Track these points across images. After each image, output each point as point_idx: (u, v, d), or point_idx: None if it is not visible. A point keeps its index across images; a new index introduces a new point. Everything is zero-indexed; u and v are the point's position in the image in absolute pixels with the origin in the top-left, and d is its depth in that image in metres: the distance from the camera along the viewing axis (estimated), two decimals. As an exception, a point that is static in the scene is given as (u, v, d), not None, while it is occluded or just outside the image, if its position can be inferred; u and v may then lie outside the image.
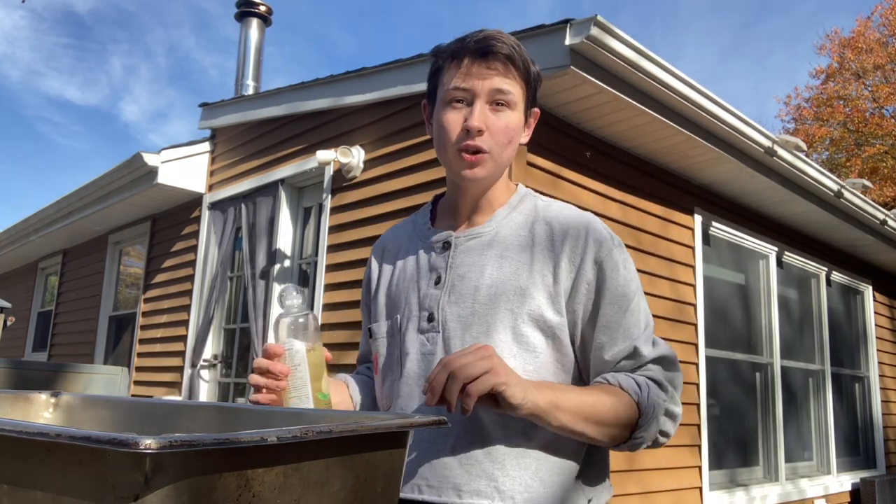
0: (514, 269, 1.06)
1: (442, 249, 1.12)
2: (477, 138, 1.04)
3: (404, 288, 1.14)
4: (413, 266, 1.15)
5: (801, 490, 5.07)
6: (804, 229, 5.44)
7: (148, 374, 5.43)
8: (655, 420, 1.01)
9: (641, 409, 0.99)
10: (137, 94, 72.91)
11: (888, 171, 17.14)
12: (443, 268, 1.10)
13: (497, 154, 1.07)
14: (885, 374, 6.55)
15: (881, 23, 18.33)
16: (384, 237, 1.29)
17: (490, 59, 1.04)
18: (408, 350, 1.09)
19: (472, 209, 1.14)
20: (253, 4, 6.18)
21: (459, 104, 1.06)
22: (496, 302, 1.04)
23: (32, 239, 7.21)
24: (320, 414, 0.78)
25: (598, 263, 1.04)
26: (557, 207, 1.12)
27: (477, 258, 1.08)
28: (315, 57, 73.30)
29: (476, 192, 1.12)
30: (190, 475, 0.46)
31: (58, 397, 0.88)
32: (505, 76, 1.05)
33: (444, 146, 1.08)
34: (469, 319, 1.05)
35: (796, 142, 4.23)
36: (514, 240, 1.09)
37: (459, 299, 1.06)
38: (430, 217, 1.20)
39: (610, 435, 0.99)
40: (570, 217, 1.09)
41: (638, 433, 1.00)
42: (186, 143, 5.24)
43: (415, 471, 1.03)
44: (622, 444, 1.02)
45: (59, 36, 66.91)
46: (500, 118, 1.05)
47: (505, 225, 1.11)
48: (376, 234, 3.76)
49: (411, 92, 3.68)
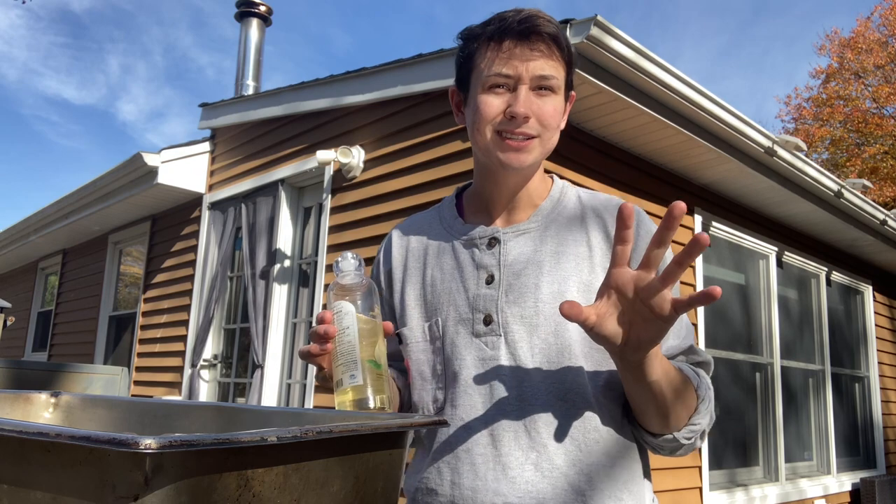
0: (573, 264, 1.00)
1: (489, 246, 1.04)
2: (524, 125, 0.97)
3: (445, 288, 1.04)
4: (452, 264, 1.06)
5: (800, 490, 5.07)
6: (804, 229, 5.44)
7: (148, 374, 5.43)
8: (709, 412, 0.96)
9: (699, 396, 0.94)
10: (135, 93, 72.89)
11: (888, 171, 17.14)
12: (494, 265, 1.02)
13: (546, 140, 0.99)
14: (885, 374, 6.55)
15: (881, 23, 18.34)
16: (403, 229, 1.16)
17: (534, 39, 0.96)
18: (461, 356, 1.00)
19: (509, 202, 1.05)
20: (253, 4, 6.19)
21: (500, 89, 0.98)
22: (561, 299, 0.97)
23: (32, 239, 7.21)
24: (320, 414, 0.78)
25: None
26: (603, 198, 1.07)
27: (531, 255, 1.01)
28: (312, 55, 73.26)
29: (516, 182, 1.04)
30: (190, 475, 0.46)
31: (58, 397, 0.88)
32: (549, 58, 0.97)
33: (482, 131, 0.99)
34: (534, 320, 0.97)
35: (796, 142, 4.23)
36: (566, 234, 1.02)
37: (519, 299, 0.99)
38: (456, 211, 1.11)
39: (677, 412, 0.92)
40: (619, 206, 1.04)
41: (696, 418, 0.94)
42: (186, 143, 5.24)
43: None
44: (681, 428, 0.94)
45: (56, 35, 66.92)
46: (546, 103, 0.98)
47: (553, 219, 1.04)
48: (376, 233, 3.76)
49: (411, 92, 3.68)
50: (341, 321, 0.87)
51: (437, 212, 1.14)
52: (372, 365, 0.86)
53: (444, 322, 1.03)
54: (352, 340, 0.86)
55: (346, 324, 0.87)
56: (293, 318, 4.40)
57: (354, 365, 0.85)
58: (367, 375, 0.85)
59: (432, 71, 3.58)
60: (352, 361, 0.85)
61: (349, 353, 0.86)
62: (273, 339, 4.33)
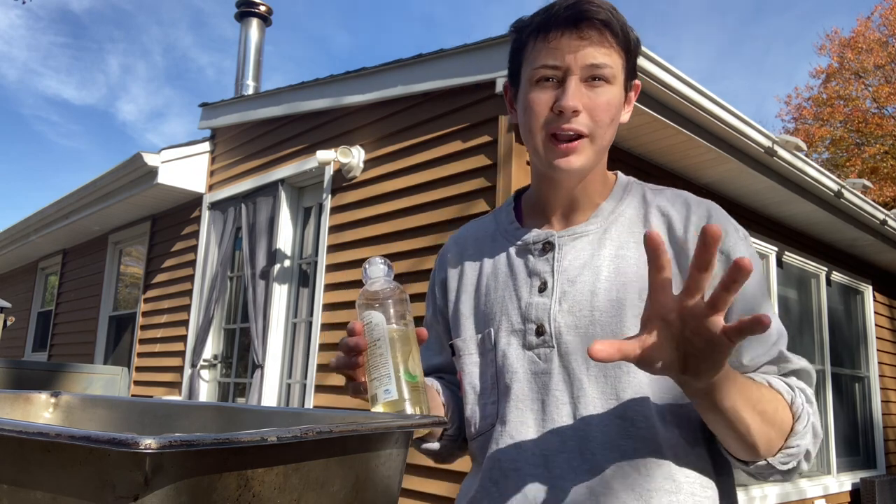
0: (635, 269, 0.90)
1: (542, 251, 0.96)
2: (573, 120, 0.88)
3: (498, 297, 0.98)
4: (506, 271, 0.99)
5: (800, 490, 5.07)
6: (804, 229, 5.44)
7: (148, 374, 5.43)
8: (811, 430, 0.84)
9: (795, 414, 0.83)
10: (134, 93, 72.95)
11: (888, 171, 17.15)
12: (547, 272, 0.94)
13: (599, 137, 0.90)
14: (885, 374, 6.55)
15: (881, 23, 18.35)
16: (459, 236, 1.10)
17: (583, 26, 0.88)
18: (513, 368, 0.93)
19: (567, 205, 0.97)
20: (253, 4, 6.19)
21: (548, 83, 0.90)
22: (621, 309, 0.88)
23: (32, 239, 7.21)
24: (320, 414, 0.78)
25: (726, 254, 0.90)
26: (671, 194, 0.97)
27: (588, 259, 0.93)
28: (312, 55, 73.29)
29: (572, 183, 0.95)
30: (190, 475, 0.46)
31: (58, 397, 0.87)
32: (601, 46, 0.89)
33: (531, 131, 0.92)
34: (589, 330, 0.89)
35: (796, 142, 4.23)
36: (628, 237, 0.93)
37: (574, 307, 0.91)
38: (514, 215, 1.04)
39: (767, 436, 0.81)
40: (689, 202, 0.94)
41: (793, 440, 0.82)
42: (186, 143, 5.24)
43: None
44: (775, 453, 0.83)
45: (56, 35, 67.00)
46: (599, 94, 0.89)
47: (614, 220, 0.95)
48: (376, 234, 3.76)
49: (411, 92, 3.68)
50: (371, 332, 0.82)
51: (494, 216, 1.08)
52: (407, 377, 0.81)
53: (496, 333, 0.96)
54: (384, 353, 0.81)
55: (377, 335, 0.82)
56: (293, 318, 4.40)
57: (388, 379, 0.80)
58: (403, 388, 0.80)
59: (432, 71, 3.58)
60: (385, 375, 0.80)
61: (382, 367, 0.81)
62: (273, 339, 4.33)
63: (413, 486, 3.28)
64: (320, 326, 3.98)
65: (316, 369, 3.94)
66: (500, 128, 3.24)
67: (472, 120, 3.40)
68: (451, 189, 3.41)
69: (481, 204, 3.26)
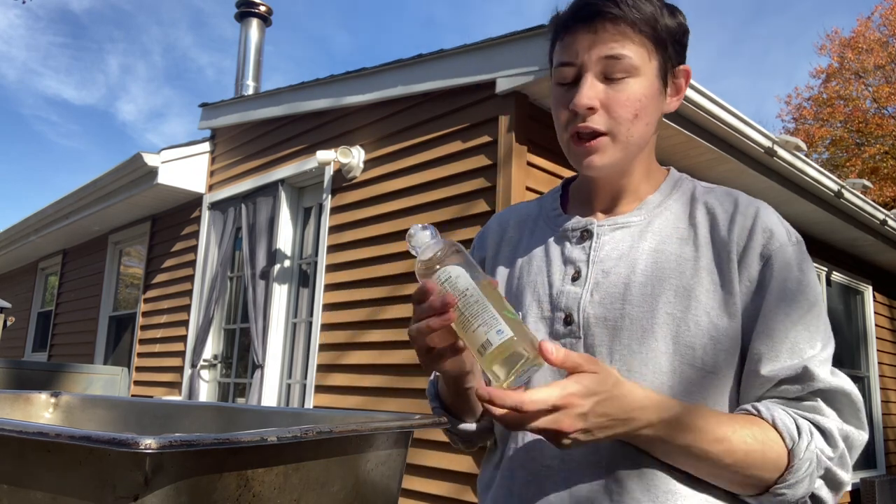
0: (674, 265, 0.87)
1: (580, 239, 0.93)
2: (589, 119, 0.86)
3: (530, 281, 0.95)
4: (541, 256, 0.96)
5: (801, 490, 5.07)
6: (804, 229, 5.43)
7: (148, 374, 5.43)
8: (809, 478, 0.79)
9: (792, 461, 0.78)
10: (134, 93, 72.98)
11: (888, 171, 17.15)
12: (582, 261, 0.91)
13: (622, 133, 0.87)
14: (885, 374, 6.55)
15: (881, 23, 18.36)
16: (504, 216, 1.07)
17: (596, 21, 0.86)
18: None
19: (612, 196, 0.95)
20: (253, 5, 6.19)
21: (568, 82, 0.89)
22: (654, 304, 0.85)
23: (32, 239, 7.21)
24: (320, 414, 0.78)
25: (766, 258, 0.85)
26: (722, 192, 0.93)
27: (626, 251, 0.90)
28: (312, 56, 73.32)
29: (611, 180, 0.93)
30: (190, 475, 0.46)
31: (58, 397, 0.88)
32: (616, 38, 0.85)
33: (558, 132, 0.91)
34: (618, 324, 0.86)
35: (796, 142, 4.23)
36: (671, 231, 0.90)
37: (605, 299, 0.88)
38: (559, 202, 1.01)
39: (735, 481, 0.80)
40: (738, 201, 0.90)
41: (779, 487, 0.79)
42: (186, 143, 5.24)
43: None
44: (756, 495, 0.81)
45: (55, 35, 67.04)
46: (620, 89, 0.86)
47: (659, 214, 0.92)
48: (376, 234, 3.76)
49: (411, 92, 3.68)
50: (456, 285, 0.76)
51: (539, 201, 1.05)
52: (510, 315, 0.75)
53: (524, 318, 0.93)
54: (479, 300, 0.75)
55: (463, 286, 0.76)
56: (293, 319, 4.40)
57: (495, 321, 0.74)
58: (514, 327, 0.74)
59: (432, 71, 3.58)
60: (492, 318, 0.74)
61: (483, 313, 0.74)
62: (273, 340, 4.33)
63: (413, 486, 3.28)
64: (320, 326, 3.98)
65: (316, 369, 3.94)
66: (500, 128, 3.24)
67: (472, 120, 3.40)
68: (451, 189, 3.41)
69: (481, 204, 3.26)
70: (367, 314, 3.71)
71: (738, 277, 0.85)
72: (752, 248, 0.86)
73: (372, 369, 3.63)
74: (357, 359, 3.72)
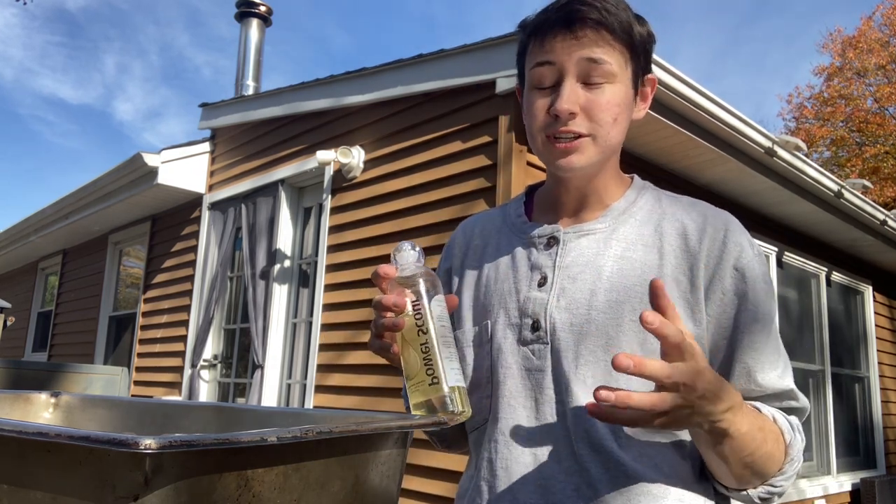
0: (639, 272, 0.88)
1: (546, 246, 0.95)
2: (570, 123, 0.87)
3: (497, 289, 0.96)
4: (508, 263, 0.97)
5: (800, 490, 5.07)
6: (804, 229, 5.43)
7: (148, 374, 5.43)
8: (796, 474, 0.86)
9: (788, 454, 0.83)
10: (131, 92, 72.96)
11: (889, 171, 17.15)
12: (549, 267, 0.93)
13: (601, 136, 0.88)
14: (885, 374, 6.55)
15: (883, 22, 18.36)
16: (468, 224, 1.08)
17: (576, 27, 0.87)
18: (507, 364, 0.91)
19: (578, 204, 0.96)
20: (253, 5, 6.19)
21: (546, 86, 0.89)
22: (618, 310, 0.87)
23: (32, 239, 7.22)
24: (320, 414, 0.78)
25: (740, 271, 0.88)
26: (688, 202, 0.95)
27: (592, 258, 0.91)
28: (312, 56, 73.34)
29: (581, 183, 0.94)
30: (190, 475, 0.46)
31: (58, 397, 0.88)
32: (596, 44, 0.87)
33: (532, 135, 0.92)
34: (584, 329, 0.87)
35: (796, 142, 4.23)
36: (636, 238, 0.91)
37: (571, 305, 0.89)
38: (524, 210, 1.03)
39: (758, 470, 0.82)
40: (707, 213, 0.92)
41: (779, 480, 0.84)
42: (186, 143, 5.24)
43: None
44: (757, 486, 0.84)
45: (52, 34, 67.01)
46: (599, 94, 0.87)
47: (624, 221, 0.93)
48: (376, 234, 3.76)
49: (411, 92, 3.68)
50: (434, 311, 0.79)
51: (502, 209, 1.06)
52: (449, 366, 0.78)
53: (493, 326, 0.94)
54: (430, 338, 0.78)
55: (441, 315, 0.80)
56: (293, 319, 4.40)
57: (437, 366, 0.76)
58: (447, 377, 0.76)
59: (432, 71, 3.58)
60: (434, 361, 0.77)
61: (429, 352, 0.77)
62: (273, 340, 4.34)
63: (413, 486, 3.28)
64: (320, 327, 3.98)
65: (316, 369, 3.94)
66: (500, 128, 3.24)
67: (472, 120, 3.40)
68: (451, 189, 3.41)
69: (481, 204, 3.26)
70: (367, 314, 3.71)
71: (706, 287, 0.88)
72: (725, 259, 0.88)
73: (372, 369, 3.63)
74: (357, 359, 3.72)
